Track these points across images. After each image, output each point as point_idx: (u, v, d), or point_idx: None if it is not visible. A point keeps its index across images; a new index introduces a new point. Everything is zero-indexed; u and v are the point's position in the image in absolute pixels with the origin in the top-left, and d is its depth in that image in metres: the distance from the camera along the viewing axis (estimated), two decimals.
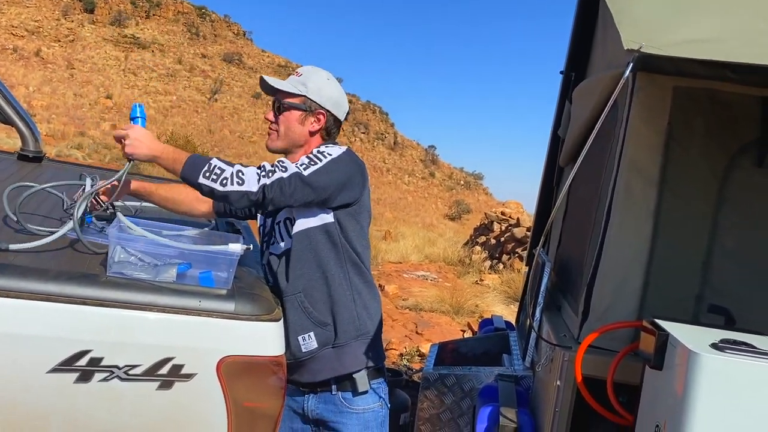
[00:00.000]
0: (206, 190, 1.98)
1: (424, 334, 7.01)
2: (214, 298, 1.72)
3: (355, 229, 2.14)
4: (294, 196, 2.00)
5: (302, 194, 2.01)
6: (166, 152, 2.04)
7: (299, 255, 2.11)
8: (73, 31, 66.91)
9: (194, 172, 1.98)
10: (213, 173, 1.97)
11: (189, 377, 1.67)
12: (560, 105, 3.19)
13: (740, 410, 1.39)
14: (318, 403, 2.18)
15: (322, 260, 2.11)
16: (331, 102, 2.23)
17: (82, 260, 1.80)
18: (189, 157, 2.02)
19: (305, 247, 2.11)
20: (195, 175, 1.98)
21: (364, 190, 2.17)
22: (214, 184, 1.96)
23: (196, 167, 1.99)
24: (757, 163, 1.94)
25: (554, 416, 1.98)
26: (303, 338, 2.10)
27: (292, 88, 2.20)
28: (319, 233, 2.11)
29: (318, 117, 2.21)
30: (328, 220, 2.10)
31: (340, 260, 2.13)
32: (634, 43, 1.49)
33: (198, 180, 1.97)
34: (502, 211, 14.44)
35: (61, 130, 33.77)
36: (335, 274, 2.12)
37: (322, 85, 2.22)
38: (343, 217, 2.11)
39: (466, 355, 3.22)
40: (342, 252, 2.12)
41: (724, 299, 1.94)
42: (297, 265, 2.11)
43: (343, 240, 2.12)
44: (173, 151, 2.06)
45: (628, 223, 1.96)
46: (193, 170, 1.98)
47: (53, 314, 1.58)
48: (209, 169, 1.98)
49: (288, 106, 2.20)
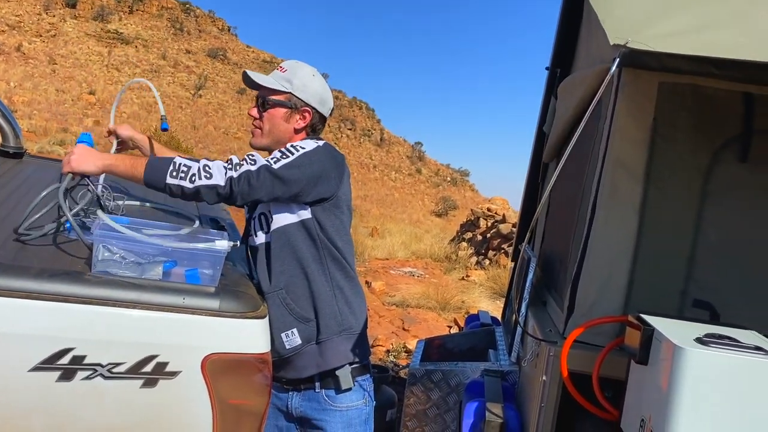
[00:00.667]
0: (176, 189, 1.96)
1: (411, 330, 7.02)
2: (198, 296, 1.70)
3: (334, 225, 2.12)
4: (262, 189, 1.98)
5: (271, 187, 1.99)
6: (118, 160, 2.00)
7: (279, 252, 2.10)
8: (55, 26, 66.12)
9: (159, 174, 1.95)
10: (180, 171, 1.95)
11: (173, 375, 1.66)
12: (545, 101, 3.19)
13: (724, 404, 1.40)
14: (302, 401, 2.17)
15: (301, 256, 2.10)
16: (317, 99, 2.21)
17: (65, 257, 1.78)
18: (149, 161, 1.99)
19: (284, 243, 2.10)
20: (161, 176, 1.95)
21: (342, 185, 2.14)
22: (183, 182, 1.94)
23: (161, 168, 1.96)
24: (740, 158, 1.95)
25: (540, 411, 1.98)
26: (286, 335, 2.09)
27: (277, 84, 2.18)
28: (296, 229, 2.09)
29: (303, 114, 2.19)
30: (306, 216, 2.09)
31: (319, 256, 2.11)
32: (620, 38, 1.49)
33: (165, 180, 1.95)
34: (488, 207, 14.49)
35: (43, 126, 33.36)
36: (315, 270, 2.10)
37: (308, 82, 2.19)
38: (320, 212, 2.10)
39: (453, 351, 3.23)
40: (321, 248, 2.11)
41: (708, 294, 1.95)
42: (277, 262, 2.10)
43: (321, 236, 2.10)
44: (127, 158, 2.02)
45: (613, 218, 1.97)
46: (158, 172, 1.95)
47: (35, 312, 1.56)
48: (175, 168, 1.95)
49: (273, 103, 2.17)
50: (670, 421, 1.41)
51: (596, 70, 2.06)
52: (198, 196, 1.97)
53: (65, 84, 52.55)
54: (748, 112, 1.92)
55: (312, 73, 2.22)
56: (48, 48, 61.05)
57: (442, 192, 68.00)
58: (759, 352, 1.43)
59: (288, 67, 2.22)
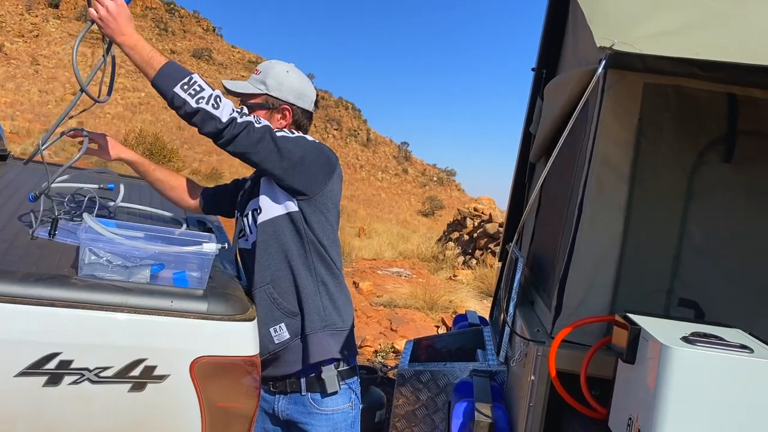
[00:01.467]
0: (178, 102, 1.91)
1: (399, 331, 7.02)
2: (186, 299, 1.70)
3: (320, 222, 2.12)
4: (258, 145, 1.98)
5: (266, 148, 1.99)
6: (140, 44, 1.93)
7: (265, 245, 2.10)
8: (38, 27, 65.47)
9: (170, 80, 1.91)
10: (192, 87, 1.91)
11: (162, 378, 1.65)
12: (532, 102, 3.21)
13: (710, 402, 1.42)
14: (288, 404, 2.17)
15: (287, 249, 2.09)
16: (294, 94, 2.20)
17: (51, 261, 1.76)
18: (168, 62, 1.94)
19: (270, 236, 2.09)
20: (171, 83, 1.90)
21: (329, 184, 2.13)
22: (189, 98, 1.90)
23: (175, 75, 1.91)
24: (724, 158, 1.97)
25: (528, 410, 1.99)
26: (275, 329, 2.09)
27: (252, 88, 2.18)
28: (283, 222, 2.09)
29: (283, 113, 2.19)
30: (293, 209, 2.09)
31: (304, 249, 2.11)
32: (606, 40, 1.51)
33: (173, 88, 1.90)
34: (475, 207, 14.53)
35: (26, 128, 33.04)
36: (299, 263, 2.10)
37: (282, 79, 2.19)
38: (306, 207, 2.09)
39: (441, 351, 3.23)
40: (306, 241, 2.10)
41: (693, 293, 1.97)
42: (264, 255, 2.10)
43: (307, 231, 2.10)
44: (150, 49, 1.94)
45: (600, 218, 1.98)
46: (170, 78, 1.91)
47: (20, 316, 1.54)
48: (188, 83, 1.92)
49: (252, 107, 2.17)
50: (657, 420, 1.42)
51: (582, 71, 2.07)
52: (194, 119, 1.93)
53: (48, 84, 52.07)
54: (731, 113, 1.94)
55: (286, 70, 2.21)
56: (30, 48, 60.46)
57: (428, 192, 68.16)
58: (744, 350, 1.45)
59: (262, 68, 2.23)
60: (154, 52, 1.93)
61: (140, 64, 1.93)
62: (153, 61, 1.92)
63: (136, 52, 1.92)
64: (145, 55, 1.92)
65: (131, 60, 1.93)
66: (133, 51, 1.92)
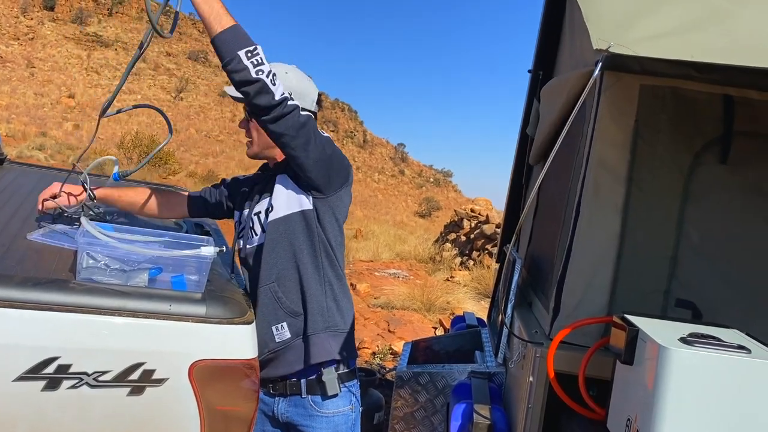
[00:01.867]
0: (237, 66, 1.85)
1: (396, 332, 7.02)
2: (184, 302, 1.70)
3: (330, 222, 2.13)
4: (300, 130, 1.97)
5: (306, 135, 1.98)
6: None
7: (274, 244, 2.10)
8: (33, 29, 65.33)
9: (237, 42, 1.85)
10: (255, 57, 1.86)
11: (160, 382, 1.65)
12: (528, 103, 3.22)
13: (708, 402, 1.42)
14: (288, 407, 2.16)
15: (297, 248, 2.09)
16: (295, 95, 2.20)
17: (49, 265, 1.76)
18: (237, 24, 1.86)
19: (281, 234, 2.09)
20: (236, 45, 1.84)
21: (345, 186, 2.17)
22: (251, 66, 1.85)
23: (241, 39, 1.85)
24: (720, 159, 1.98)
25: (527, 412, 2.00)
26: (277, 328, 2.09)
27: None
28: (297, 219, 2.09)
29: None
30: (307, 206, 2.10)
31: (314, 249, 2.11)
32: (603, 42, 1.51)
33: (237, 52, 1.84)
34: (472, 208, 14.54)
35: (21, 131, 32.96)
36: (308, 263, 2.10)
37: (281, 80, 2.19)
38: (321, 206, 2.11)
39: (439, 353, 3.24)
40: (317, 241, 2.11)
41: (690, 293, 1.98)
42: (271, 254, 2.10)
43: (319, 228, 2.11)
44: (221, 4, 1.86)
45: (597, 219, 1.99)
46: (236, 39, 1.85)
47: (19, 321, 1.54)
48: (252, 51, 1.86)
49: None
50: (656, 421, 1.43)
51: (579, 73, 2.08)
52: (249, 87, 1.88)
53: (44, 87, 51.95)
54: (727, 115, 1.95)
55: (285, 71, 2.20)
56: (26, 51, 60.32)
57: (425, 193, 68.18)
58: (742, 350, 1.45)
59: None
60: (224, 9, 1.85)
61: (208, 15, 1.83)
62: (222, 16, 1.84)
63: (207, 2, 1.84)
64: (216, 7, 1.84)
65: (198, 9, 1.83)
66: (204, 3, 1.84)
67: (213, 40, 1.85)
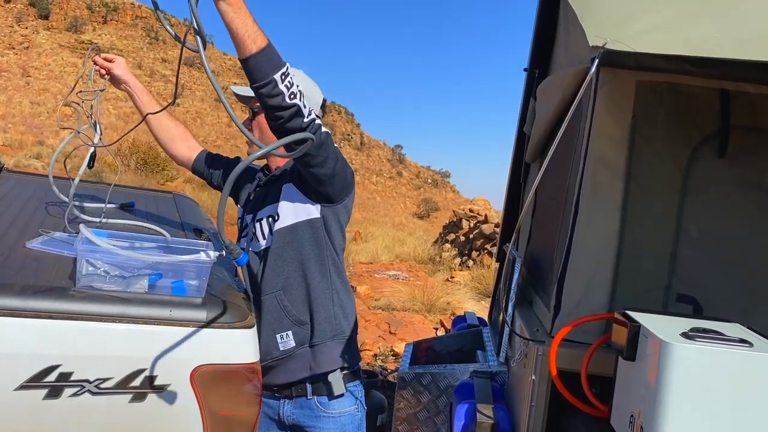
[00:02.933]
0: (272, 91, 1.73)
1: (398, 334, 7.02)
2: (185, 307, 1.69)
3: (337, 228, 2.13)
4: (321, 148, 1.91)
5: (326, 152, 1.94)
6: (245, 8, 1.68)
7: (281, 252, 2.09)
8: (28, 38, 65.32)
9: (271, 64, 1.72)
10: (287, 78, 1.75)
11: (162, 388, 1.65)
12: (525, 102, 3.22)
13: (712, 397, 1.42)
14: (294, 409, 2.16)
15: (304, 257, 2.09)
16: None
17: (48, 273, 1.76)
18: (270, 44, 1.72)
19: (288, 243, 2.09)
20: (271, 68, 1.72)
21: (351, 192, 2.17)
22: (286, 90, 1.75)
23: (276, 59, 1.72)
24: (718, 154, 1.98)
25: (530, 410, 1.99)
26: (281, 336, 2.09)
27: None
28: (304, 228, 2.09)
29: None
30: (315, 215, 2.09)
31: (322, 257, 2.10)
32: (599, 39, 1.51)
33: (272, 75, 1.72)
34: (470, 208, 14.54)
35: (18, 140, 32.95)
36: (315, 271, 2.10)
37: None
38: (328, 214, 2.10)
39: (441, 353, 3.23)
40: (325, 249, 2.11)
41: (691, 288, 1.98)
42: (278, 262, 2.09)
43: (326, 237, 2.11)
44: (253, 21, 1.69)
45: (596, 216, 1.98)
46: (271, 61, 1.72)
47: (19, 329, 1.54)
48: (285, 72, 1.74)
49: (258, 110, 2.17)
50: (659, 417, 1.43)
51: (575, 70, 2.08)
52: (284, 112, 1.78)
53: (40, 96, 51.94)
54: (724, 109, 1.95)
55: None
56: (21, 60, 60.31)
57: (423, 194, 68.23)
58: (744, 344, 1.45)
59: None
60: (257, 25, 1.69)
61: (242, 33, 1.67)
62: (257, 35, 1.68)
63: (240, 17, 1.66)
64: (249, 24, 1.67)
65: (231, 25, 1.66)
66: (236, 15, 1.66)
67: (247, 60, 1.71)
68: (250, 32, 1.68)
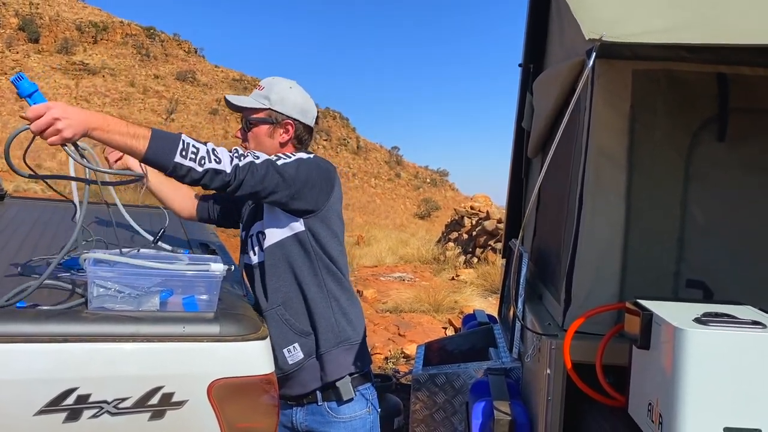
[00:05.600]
0: (183, 171, 1.80)
1: (407, 336, 7.01)
2: (198, 323, 1.70)
3: (327, 235, 2.13)
4: (264, 181, 1.94)
5: (272, 181, 1.96)
6: (113, 124, 1.69)
7: (273, 269, 2.11)
8: (20, 63, 65.41)
9: (167, 151, 1.76)
10: (190, 151, 1.79)
11: (180, 404, 1.65)
12: (522, 97, 3.22)
13: (728, 380, 1.42)
14: (306, 415, 2.18)
15: (296, 270, 2.10)
16: (297, 110, 2.22)
17: (60, 297, 1.76)
18: (153, 133, 1.75)
19: (278, 259, 2.10)
20: (169, 154, 1.76)
21: (332, 194, 2.15)
22: (192, 163, 1.80)
23: (167, 145, 1.76)
24: (718, 137, 1.98)
25: (547, 404, 2.00)
26: (288, 350, 2.10)
27: (255, 103, 2.19)
28: (290, 243, 2.10)
29: (286, 127, 2.21)
30: (299, 229, 2.09)
31: (313, 268, 2.11)
32: (594, 33, 1.52)
33: (174, 159, 1.76)
34: (471, 205, 14.54)
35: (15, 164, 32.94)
36: (310, 283, 2.11)
37: (285, 95, 2.21)
38: (313, 223, 2.10)
39: (453, 353, 3.24)
40: (315, 260, 2.11)
41: (699, 273, 1.98)
42: (273, 279, 2.11)
43: (316, 247, 2.11)
44: (121, 123, 1.72)
45: (601, 207, 1.99)
46: (165, 148, 1.76)
47: (35, 355, 1.54)
48: (185, 147, 1.79)
49: (255, 122, 2.19)
50: (677, 403, 1.43)
51: (571, 63, 2.09)
52: (202, 180, 1.85)
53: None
54: (722, 92, 1.96)
55: (289, 86, 2.24)
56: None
57: (423, 194, 68.25)
58: (757, 326, 1.46)
59: (265, 84, 2.24)
60: (130, 125, 1.74)
61: (123, 141, 1.71)
62: (137, 134, 1.73)
63: (113, 131, 1.70)
64: (124, 130, 1.71)
65: (110, 144, 1.73)
66: (109, 131, 1.70)
67: (144, 161, 1.78)
68: (128, 140, 1.72)
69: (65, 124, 1.61)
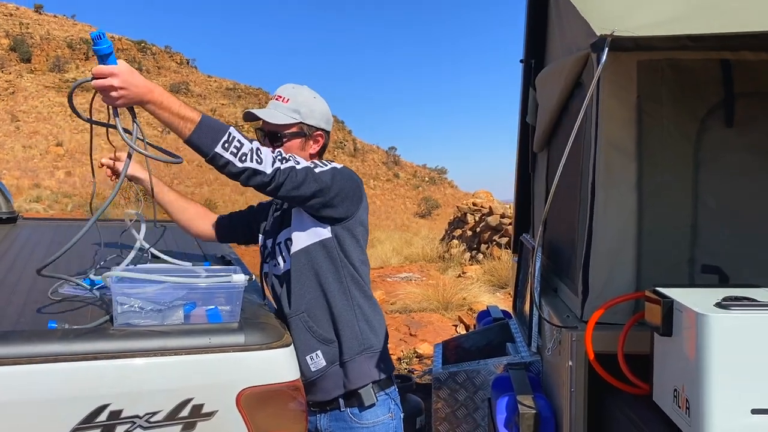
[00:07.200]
0: (221, 162, 1.83)
1: (418, 335, 7.03)
2: (223, 333, 1.72)
3: (351, 244, 2.15)
4: (302, 187, 1.96)
5: (310, 188, 1.98)
6: (167, 102, 1.76)
7: (299, 275, 2.12)
8: (12, 83, 65.49)
9: (210, 139, 1.79)
10: (233, 145, 1.82)
11: (210, 415, 1.67)
12: (524, 93, 3.24)
13: (753, 363, 1.43)
14: (329, 422, 2.19)
15: (322, 277, 2.12)
16: (324, 119, 2.24)
17: (85, 315, 1.78)
18: (202, 118, 1.80)
19: (304, 265, 2.11)
20: (210, 142, 1.79)
21: (361, 205, 2.18)
22: (233, 157, 1.83)
23: (212, 132, 1.80)
24: (725, 123, 2.00)
25: (571, 396, 2.01)
26: (311, 357, 2.11)
27: (287, 118, 2.18)
28: (317, 249, 2.11)
29: (317, 138, 2.23)
30: (326, 235, 2.11)
31: (339, 275, 2.13)
32: (605, 29, 1.53)
33: (215, 149, 1.80)
34: (473, 201, 14.57)
35: (15, 185, 33.02)
36: (335, 290, 2.12)
37: (313, 106, 2.22)
38: (340, 231, 2.12)
39: (471, 350, 3.25)
40: (341, 267, 2.13)
41: (714, 258, 1.99)
42: (297, 285, 2.12)
43: (341, 255, 2.13)
44: (177, 101, 1.79)
45: (613, 198, 2.01)
46: (209, 136, 1.79)
47: (66, 374, 1.57)
48: (228, 140, 1.81)
49: (289, 137, 2.18)
50: (704, 388, 1.44)
51: (574, 58, 2.10)
52: (240, 177, 1.87)
53: (31, 139, 52.04)
54: (727, 78, 1.97)
55: (313, 96, 2.24)
56: (8, 106, 60.44)
57: (422, 193, 68.24)
58: None
59: (289, 96, 2.21)
60: (183, 106, 1.79)
61: (171, 120, 1.78)
62: (186, 116, 1.78)
63: (165, 109, 1.77)
64: (175, 110, 1.77)
65: (159, 119, 1.79)
66: (161, 108, 1.77)
67: (187, 142, 1.81)
68: (177, 118, 1.78)
69: (119, 94, 1.71)
